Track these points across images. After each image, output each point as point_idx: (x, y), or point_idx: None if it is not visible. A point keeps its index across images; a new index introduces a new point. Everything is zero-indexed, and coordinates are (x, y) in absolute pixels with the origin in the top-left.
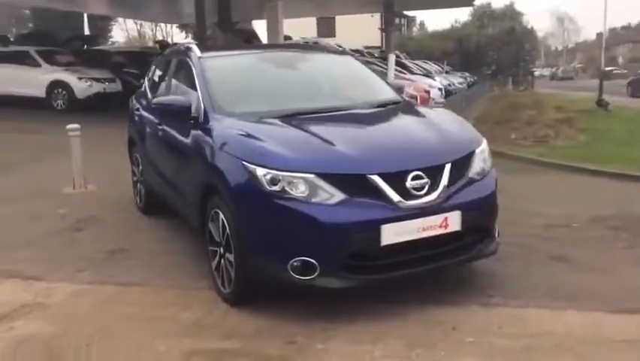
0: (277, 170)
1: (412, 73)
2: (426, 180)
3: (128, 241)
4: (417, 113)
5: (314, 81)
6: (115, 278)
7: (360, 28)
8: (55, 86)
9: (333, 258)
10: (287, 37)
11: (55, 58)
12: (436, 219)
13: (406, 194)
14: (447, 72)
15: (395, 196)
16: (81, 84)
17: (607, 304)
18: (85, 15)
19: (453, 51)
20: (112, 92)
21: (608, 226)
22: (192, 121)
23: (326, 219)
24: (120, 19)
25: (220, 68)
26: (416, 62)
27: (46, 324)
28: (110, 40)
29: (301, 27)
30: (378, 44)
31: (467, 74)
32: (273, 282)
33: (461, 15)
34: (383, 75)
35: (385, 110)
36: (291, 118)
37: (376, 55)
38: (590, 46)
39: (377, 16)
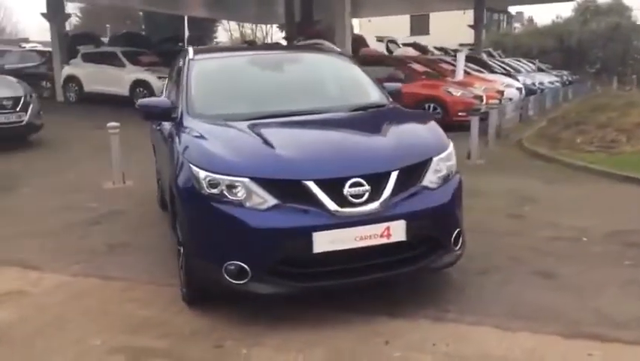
0: (216, 173)
1: (492, 72)
2: (366, 187)
3: (134, 236)
4: (389, 118)
5: (297, 84)
6: (101, 272)
7: (455, 26)
8: (137, 85)
9: (263, 263)
10: (358, 37)
11: (139, 58)
12: (375, 229)
13: (343, 201)
14: (540, 70)
15: (330, 203)
16: (160, 83)
17: (569, 327)
18: (185, 17)
19: (552, 48)
20: None
21: (622, 242)
22: (173, 122)
23: (256, 224)
24: (224, 21)
25: (207, 70)
26: (507, 60)
27: (14, 312)
28: (215, 40)
29: (394, 25)
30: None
31: (565, 73)
32: (211, 284)
33: (563, 10)
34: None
35: (357, 115)
36: (255, 121)
37: (451, 52)
38: None
39: (470, 12)
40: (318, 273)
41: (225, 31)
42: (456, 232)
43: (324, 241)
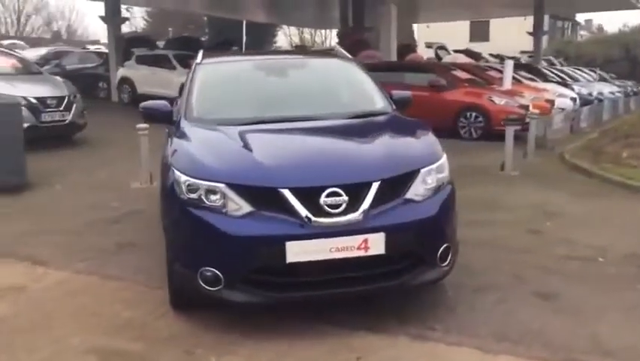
0: (195, 178)
1: (547, 80)
2: (343, 197)
3: (144, 236)
4: (384, 127)
5: (298, 90)
6: (103, 270)
7: (516, 33)
8: None
9: (236, 271)
10: (406, 44)
11: (189, 62)
12: (352, 240)
13: (319, 211)
14: (603, 80)
15: (305, 212)
16: None
17: (556, 353)
18: (244, 22)
19: (618, 58)
20: None
21: None
22: (174, 126)
23: (229, 231)
24: (285, 26)
25: (211, 74)
26: (567, 68)
27: (9, 307)
28: (274, 45)
29: (453, 31)
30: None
31: (630, 83)
32: (189, 289)
33: (632, 18)
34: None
35: (351, 123)
36: (247, 126)
37: (497, 60)
38: None
39: (531, 19)
40: (292, 283)
41: (285, 35)
42: (443, 247)
43: (297, 251)
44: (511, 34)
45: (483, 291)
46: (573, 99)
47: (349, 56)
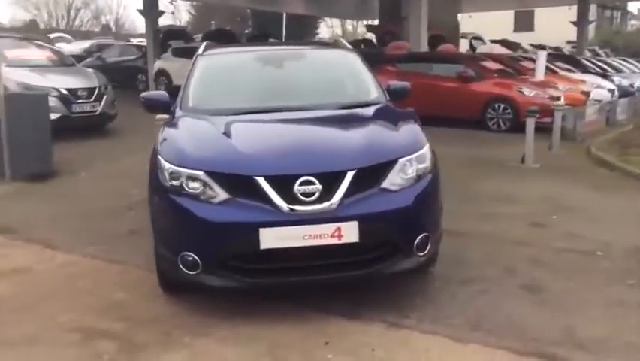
0: (177, 166)
1: (586, 71)
2: (317, 185)
3: None
4: (369, 117)
5: (292, 80)
6: (109, 255)
7: (561, 22)
8: None
9: (213, 256)
10: (438, 34)
11: None
12: (325, 228)
13: (293, 199)
14: None
15: (279, 200)
16: None
17: (526, 344)
18: (284, 14)
19: None
20: None
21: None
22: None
23: (206, 217)
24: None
25: (210, 65)
26: (612, 59)
27: (11, 287)
28: (317, 36)
29: (497, 21)
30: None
31: None
32: (171, 273)
33: None
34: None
35: (338, 113)
36: (236, 116)
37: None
38: None
39: (575, 8)
40: (267, 269)
41: (327, 27)
42: (420, 236)
43: (271, 238)
44: (556, 24)
45: (469, 283)
46: (611, 91)
47: (349, 47)
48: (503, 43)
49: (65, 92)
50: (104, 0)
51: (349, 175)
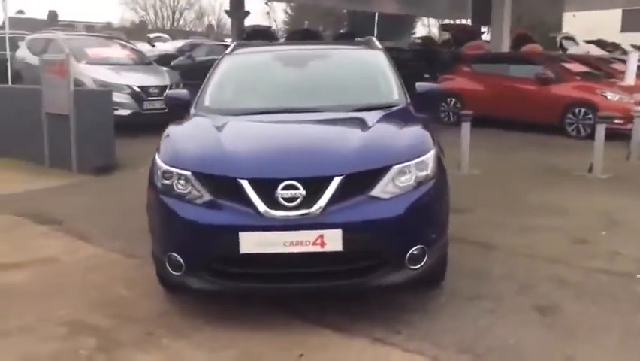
0: (168, 165)
1: None
2: (300, 191)
3: None
4: (375, 121)
5: (310, 81)
6: (131, 250)
7: None
8: None
9: (195, 258)
10: (522, 34)
11: None
12: (307, 235)
13: (274, 203)
14: None
15: (260, 204)
16: None
17: None
18: (376, 14)
19: None
20: None
21: None
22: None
23: (188, 218)
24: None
25: (233, 65)
26: None
27: (30, 276)
28: (413, 36)
29: (603, 20)
30: None
31: None
32: (160, 273)
33: None
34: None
35: (344, 116)
36: (242, 116)
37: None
38: None
39: None
40: (249, 274)
41: (424, 26)
42: (414, 248)
43: (251, 243)
44: None
45: (478, 299)
46: None
47: (379, 46)
48: (599, 43)
49: (138, 89)
50: (207, 1)
51: (336, 181)
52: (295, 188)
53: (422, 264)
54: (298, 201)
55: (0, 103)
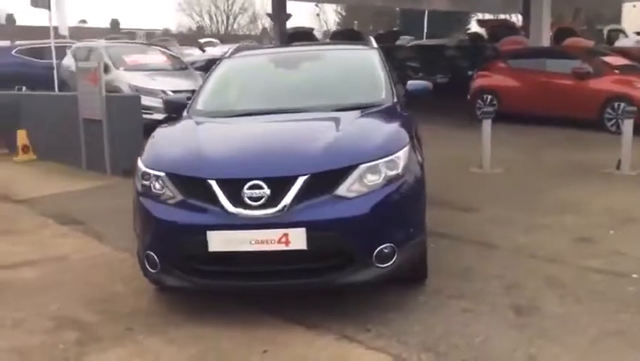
0: (146, 167)
1: None
2: (265, 190)
3: None
4: (350, 121)
5: (298, 82)
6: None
7: None
8: None
9: (168, 256)
10: (566, 27)
11: None
12: (272, 234)
13: (241, 203)
14: None
15: (227, 203)
16: None
17: None
18: (425, 12)
19: None
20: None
21: None
22: None
23: (161, 218)
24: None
25: (229, 68)
26: None
27: (37, 272)
28: (468, 32)
29: None
30: None
31: None
32: (142, 270)
33: None
34: None
35: (322, 116)
36: (227, 118)
37: None
38: None
39: None
40: (219, 272)
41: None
42: (381, 247)
43: (218, 241)
44: None
45: (458, 298)
46: None
47: (375, 45)
48: None
49: (171, 93)
50: (260, 5)
51: (300, 180)
52: (260, 188)
53: (392, 262)
54: (263, 200)
55: (45, 109)
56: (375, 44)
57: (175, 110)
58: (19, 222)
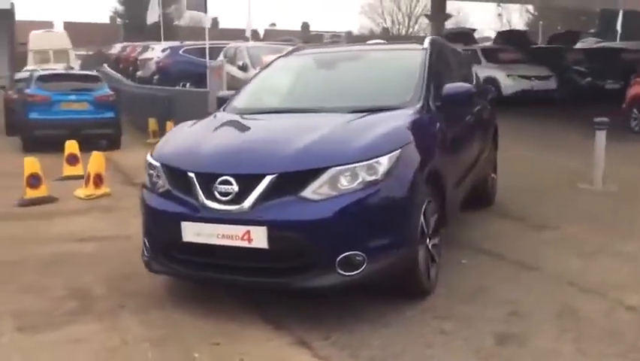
0: (151, 157)
1: None
2: (234, 186)
3: None
4: (345, 123)
5: (331, 83)
6: None
7: None
8: (487, 81)
9: (154, 243)
10: None
11: (497, 55)
12: (236, 230)
13: (211, 197)
14: None
15: (201, 197)
16: (507, 81)
17: None
18: (620, 11)
19: None
20: (541, 89)
21: None
22: None
23: (151, 206)
24: None
25: (279, 67)
26: None
27: (93, 248)
28: None
29: None
30: None
31: None
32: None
33: None
34: None
35: (326, 117)
36: (245, 115)
37: None
38: None
39: None
40: (189, 261)
41: None
42: (348, 254)
43: (190, 232)
44: None
45: (443, 319)
46: None
47: (426, 46)
48: None
49: None
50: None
51: (267, 179)
52: (230, 183)
53: (359, 271)
54: (231, 196)
55: (191, 103)
56: (426, 45)
57: (221, 105)
58: (123, 201)
